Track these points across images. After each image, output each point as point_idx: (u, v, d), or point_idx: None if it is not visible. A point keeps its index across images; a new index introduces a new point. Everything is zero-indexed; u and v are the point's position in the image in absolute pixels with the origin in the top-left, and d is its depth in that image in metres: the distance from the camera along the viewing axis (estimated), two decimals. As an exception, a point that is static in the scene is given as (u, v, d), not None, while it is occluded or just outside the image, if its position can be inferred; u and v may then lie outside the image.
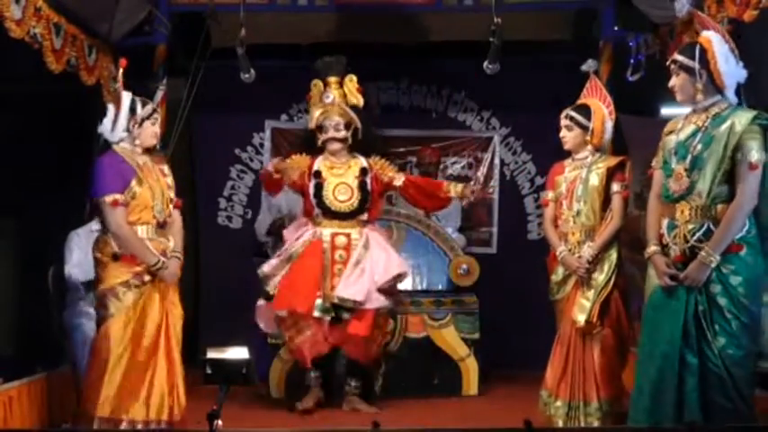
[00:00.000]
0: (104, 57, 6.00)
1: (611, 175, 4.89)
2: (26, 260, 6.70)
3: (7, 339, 6.80)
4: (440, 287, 6.52)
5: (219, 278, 7.60)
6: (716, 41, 4.11)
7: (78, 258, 5.75)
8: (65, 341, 5.82)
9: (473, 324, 6.31)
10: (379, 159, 5.84)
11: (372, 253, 5.56)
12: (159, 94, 6.41)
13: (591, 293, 4.79)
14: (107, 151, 4.72)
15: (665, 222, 4.20)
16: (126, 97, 4.72)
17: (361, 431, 4.35)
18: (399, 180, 5.76)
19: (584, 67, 5.19)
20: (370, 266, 5.51)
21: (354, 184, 5.64)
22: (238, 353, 7.10)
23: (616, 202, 4.88)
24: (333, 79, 5.74)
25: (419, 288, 6.52)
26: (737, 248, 4.04)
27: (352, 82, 5.78)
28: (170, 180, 4.80)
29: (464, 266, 6.42)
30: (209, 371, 6.90)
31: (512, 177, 7.75)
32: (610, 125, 5.01)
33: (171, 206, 4.75)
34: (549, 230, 5.07)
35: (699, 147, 4.10)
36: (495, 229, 7.75)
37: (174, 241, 4.75)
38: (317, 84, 5.80)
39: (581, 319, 4.77)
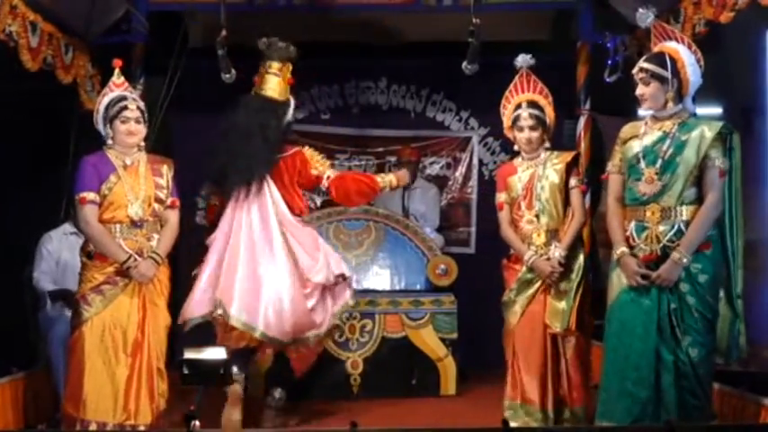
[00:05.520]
0: (81, 55, 5.97)
1: (568, 170, 4.86)
2: (0, 260, 6.64)
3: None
4: (418, 287, 6.52)
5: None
6: (683, 51, 4.28)
7: (48, 266, 5.71)
8: (40, 342, 5.79)
9: (451, 324, 6.31)
10: None
11: None
12: (137, 94, 6.37)
13: (564, 300, 4.76)
14: (95, 151, 4.74)
15: (631, 225, 4.30)
16: (103, 98, 4.73)
17: (341, 431, 4.34)
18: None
19: (518, 62, 5.09)
20: None
21: None
22: (216, 353, 7.06)
23: (575, 198, 4.86)
24: (276, 65, 5.28)
25: (397, 288, 6.52)
26: (705, 247, 4.19)
27: (289, 70, 5.34)
28: (163, 180, 4.77)
29: (442, 266, 6.43)
30: (186, 371, 6.87)
31: (490, 177, 7.75)
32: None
33: (156, 206, 4.70)
34: (510, 234, 4.96)
35: (669, 151, 4.23)
36: (473, 229, 7.78)
37: (160, 241, 4.71)
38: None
39: (558, 325, 4.75)
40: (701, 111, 7.33)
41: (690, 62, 4.26)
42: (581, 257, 4.84)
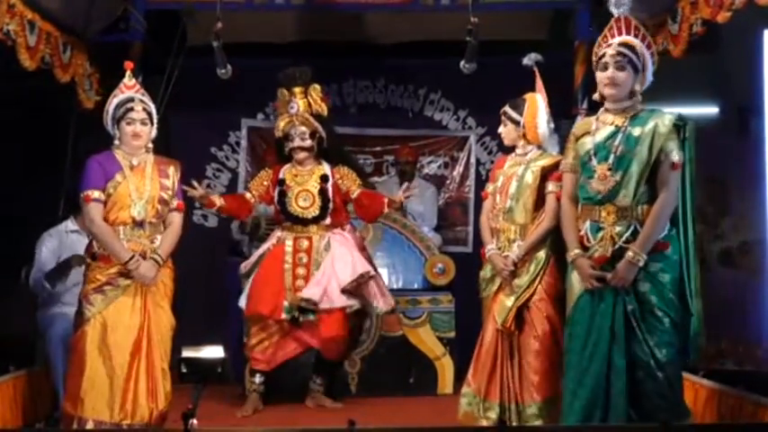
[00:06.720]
0: (79, 54, 5.95)
1: (546, 174, 4.72)
2: (-2, 259, 6.65)
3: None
4: (416, 286, 6.54)
5: (195, 276, 7.57)
6: (646, 48, 4.22)
7: (46, 258, 5.70)
8: (38, 341, 5.79)
9: (449, 323, 6.32)
10: (343, 168, 5.81)
11: (334, 255, 5.62)
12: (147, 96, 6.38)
13: (513, 297, 4.66)
14: (97, 150, 4.74)
15: (586, 224, 4.21)
16: (113, 99, 4.74)
17: (339, 430, 4.34)
18: (354, 193, 5.74)
19: (525, 61, 5.01)
20: (332, 268, 5.58)
21: (315, 190, 5.69)
22: (214, 352, 7.11)
23: (549, 203, 4.69)
24: (298, 89, 5.74)
25: (395, 287, 6.51)
26: (663, 246, 4.10)
27: (316, 91, 5.77)
28: (168, 181, 4.77)
29: (440, 265, 6.44)
30: (184, 370, 6.91)
31: (487, 177, 7.74)
32: (544, 119, 4.84)
33: (159, 207, 4.70)
34: (484, 225, 4.91)
35: (621, 147, 4.15)
36: (470, 228, 7.77)
37: (162, 243, 4.70)
38: (282, 93, 5.79)
39: (498, 320, 4.68)
40: (698, 111, 7.40)
41: (651, 61, 4.21)
42: (541, 257, 4.68)
